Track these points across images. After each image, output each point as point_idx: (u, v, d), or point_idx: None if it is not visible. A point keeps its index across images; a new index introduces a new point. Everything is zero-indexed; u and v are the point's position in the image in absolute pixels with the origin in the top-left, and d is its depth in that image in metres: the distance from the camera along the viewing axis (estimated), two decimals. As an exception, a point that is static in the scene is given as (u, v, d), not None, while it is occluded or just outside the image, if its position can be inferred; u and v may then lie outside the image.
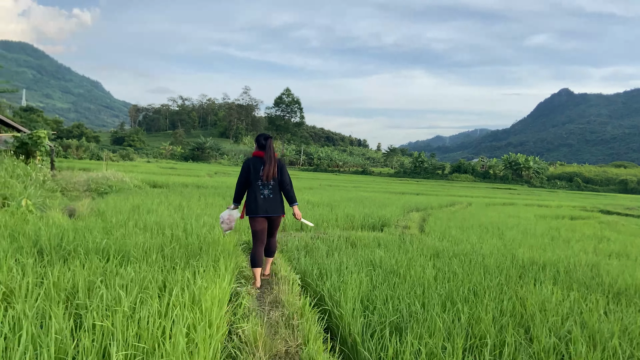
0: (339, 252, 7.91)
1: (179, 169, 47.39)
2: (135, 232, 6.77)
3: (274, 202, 5.42)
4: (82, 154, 57.07)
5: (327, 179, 52.91)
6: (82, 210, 10.39)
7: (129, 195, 14.56)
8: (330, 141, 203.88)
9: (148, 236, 6.52)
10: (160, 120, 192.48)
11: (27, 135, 15.72)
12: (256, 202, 5.34)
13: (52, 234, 5.47)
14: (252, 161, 5.46)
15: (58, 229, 5.84)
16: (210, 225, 8.93)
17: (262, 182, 5.36)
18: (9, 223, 6.40)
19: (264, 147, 5.47)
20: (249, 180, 5.40)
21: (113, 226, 7.14)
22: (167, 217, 10.37)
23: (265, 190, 5.38)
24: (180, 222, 9.01)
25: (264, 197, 5.37)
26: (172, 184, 22.00)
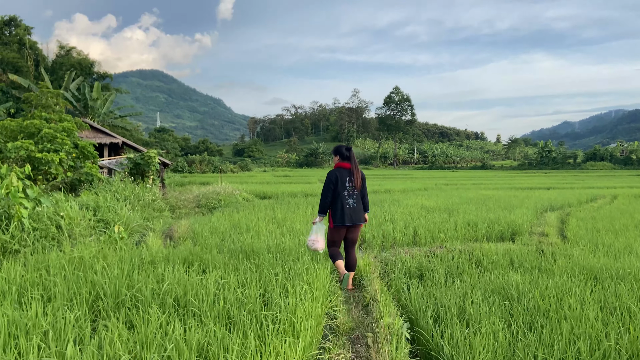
0: (461, 277, 6.34)
1: (292, 176, 47.95)
2: (212, 266, 5.87)
3: (359, 211, 5.74)
4: (205, 168, 60.59)
5: (443, 177, 50.03)
6: (180, 231, 9.96)
7: (233, 211, 14.17)
8: (445, 137, 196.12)
9: (228, 270, 5.56)
10: (275, 130, 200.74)
11: (139, 155, 16.22)
12: (343, 211, 5.59)
13: (113, 277, 4.70)
14: (338, 172, 5.67)
15: (121, 269, 5.08)
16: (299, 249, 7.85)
17: (348, 192, 5.62)
18: (85, 258, 5.85)
19: (348, 158, 5.72)
20: (336, 190, 5.61)
21: (195, 256, 6.34)
22: (265, 234, 9.53)
23: (351, 199, 5.64)
24: (274, 241, 8.08)
25: (349, 206, 5.63)
26: (281, 193, 21.62)
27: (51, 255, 5.89)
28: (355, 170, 5.69)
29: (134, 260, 5.71)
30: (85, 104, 32.51)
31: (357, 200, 5.70)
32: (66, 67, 37.61)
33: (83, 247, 6.59)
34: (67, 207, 8.76)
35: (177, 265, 5.69)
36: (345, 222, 5.62)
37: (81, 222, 8.73)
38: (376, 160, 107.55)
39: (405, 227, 10.57)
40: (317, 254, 6.29)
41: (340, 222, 5.63)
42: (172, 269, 5.40)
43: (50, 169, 11.85)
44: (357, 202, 5.69)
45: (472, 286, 5.64)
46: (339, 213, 5.61)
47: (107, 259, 6.03)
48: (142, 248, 6.76)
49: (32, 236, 6.70)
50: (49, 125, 13.17)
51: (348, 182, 5.63)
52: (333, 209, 5.69)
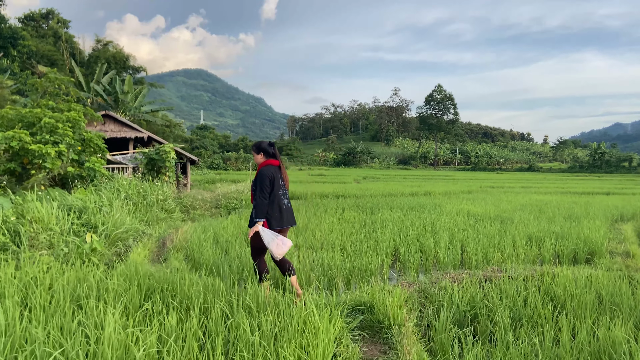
0: (535, 325, 4.43)
1: (327, 175, 46.24)
2: (180, 300, 4.18)
3: (292, 211, 5.35)
4: (241, 165, 59.72)
5: (488, 179, 47.08)
6: (177, 239, 8.36)
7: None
8: (488, 137, 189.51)
9: (195, 312, 3.86)
10: (314, 129, 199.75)
11: (154, 150, 14.87)
12: (281, 213, 5.14)
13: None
14: (273, 170, 5.13)
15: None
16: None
17: (282, 191, 5.21)
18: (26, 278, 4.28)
19: (274, 155, 5.27)
20: (273, 191, 5.08)
21: (163, 283, 4.66)
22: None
23: (285, 199, 5.23)
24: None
25: (285, 207, 5.22)
26: (311, 194, 19.90)
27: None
28: (283, 169, 5.32)
29: (58, 294, 4.06)
30: (116, 97, 31.83)
31: (289, 201, 5.33)
32: (101, 60, 37.30)
33: (24, 265, 5.04)
34: (39, 209, 7.29)
35: (121, 303, 4.03)
36: (283, 224, 5.16)
37: (55, 227, 7.24)
38: (416, 160, 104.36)
39: (450, 241, 8.62)
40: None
41: (279, 225, 5.11)
42: (101, 311, 3.72)
43: (45, 163, 10.55)
44: (289, 202, 5.32)
45: (553, 343, 3.73)
46: (277, 215, 5.10)
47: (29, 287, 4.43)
48: (94, 270, 5.13)
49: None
50: (51, 114, 11.93)
51: (281, 181, 5.19)
52: (271, 212, 5.09)
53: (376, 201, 16.89)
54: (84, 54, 41.94)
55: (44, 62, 36.04)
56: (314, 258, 7.19)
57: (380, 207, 14.71)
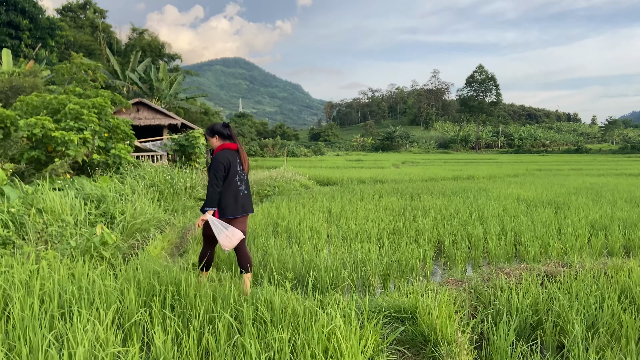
0: (615, 334, 3.55)
1: (364, 160, 45.22)
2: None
3: (249, 198, 4.87)
4: (277, 152, 59.40)
5: (534, 162, 44.92)
6: (201, 230, 7.75)
7: (285, 200, 11.88)
8: (533, 118, 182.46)
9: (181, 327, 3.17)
10: (352, 114, 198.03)
11: (183, 136, 14.41)
12: (236, 201, 4.63)
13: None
14: (228, 154, 4.63)
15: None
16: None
17: (239, 177, 4.70)
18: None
19: (230, 137, 4.77)
20: (225, 178, 4.57)
21: (165, 283, 4.01)
22: (303, 234, 7.10)
23: (243, 185, 4.74)
24: (309, 255, 5.61)
25: (242, 194, 4.72)
26: (347, 180, 19.09)
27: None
28: (242, 152, 4.80)
29: (48, 298, 3.44)
30: (151, 85, 31.80)
31: (248, 187, 4.88)
32: (137, 49, 37.42)
33: (17, 262, 4.49)
34: (51, 199, 6.82)
35: (115, 311, 3.39)
36: (239, 212, 4.70)
37: (68, 218, 6.76)
38: (456, 144, 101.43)
39: (501, 230, 7.67)
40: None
41: (234, 214, 4.66)
42: (87, 322, 3.07)
43: (68, 150, 10.18)
44: (247, 189, 4.87)
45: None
46: (232, 203, 4.64)
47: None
48: (98, 267, 4.52)
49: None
50: (76, 100, 11.58)
51: (239, 166, 4.72)
52: (225, 200, 4.61)
53: (416, 186, 15.92)
54: (120, 44, 42.27)
55: (81, 52, 36.44)
56: (346, 251, 6.43)
57: (421, 192, 13.77)
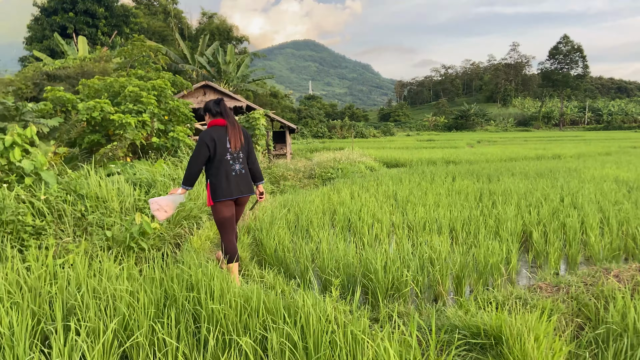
0: None
1: (436, 140, 43.28)
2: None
3: (247, 178, 4.47)
4: (346, 133, 58.55)
5: (627, 139, 40.92)
6: (252, 216, 7.14)
7: (348, 183, 11.09)
8: (623, 92, 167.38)
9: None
10: (423, 93, 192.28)
11: (244, 117, 13.95)
12: (228, 181, 4.29)
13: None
14: (214, 132, 4.29)
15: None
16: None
17: (232, 155, 4.33)
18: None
19: (220, 113, 4.39)
20: (213, 157, 4.27)
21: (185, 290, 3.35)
22: (359, 224, 6.26)
23: (237, 164, 4.37)
24: (358, 253, 4.76)
25: (236, 173, 4.36)
26: (417, 161, 17.92)
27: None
28: (232, 128, 4.38)
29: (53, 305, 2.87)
30: (219, 68, 31.94)
31: (245, 166, 4.48)
32: (206, 33, 37.81)
33: (38, 258, 4.04)
34: (95, 184, 6.45)
35: (123, 325, 2.76)
36: (233, 194, 4.35)
37: (113, 205, 6.37)
38: (537, 121, 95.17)
39: (602, 219, 6.41)
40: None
41: (227, 196, 4.32)
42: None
43: (126, 133, 9.97)
44: (244, 168, 4.48)
45: None
46: (224, 183, 4.32)
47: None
48: (113, 268, 3.95)
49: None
50: (136, 82, 11.39)
51: (228, 144, 4.35)
52: (215, 180, 4.33)
53: (494, 167, 14.50)
54: (191, 29, 43.02)
55: (154, 38, 37.49)
56: (411, 245, 5.52)
57: (500, 173, 12.42)
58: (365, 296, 4.34)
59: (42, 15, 33.33)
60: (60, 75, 16.17)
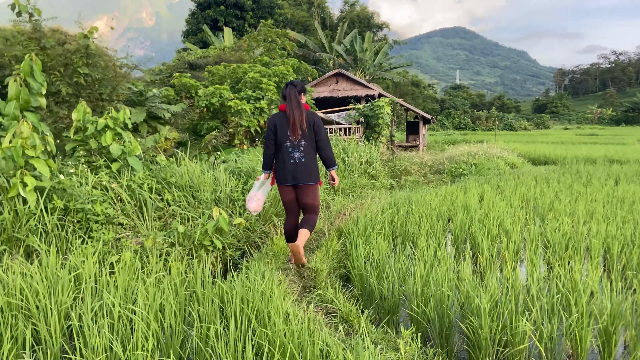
0: None
1: (600, 135, 37.77)
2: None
3: (305, 167, 4.26)
4: (491, 125, 54.31)
5: None
6: (354, 216, 6.24)
7: (478, 182, 9.61)
8: None
9: None
10: (588, 82, 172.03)
11: (368, 106, 13.01)
12: (284, 167, 4.26)
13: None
14: (277, 118, 4.29)
15: None
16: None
17: (291, 142, 4.22)
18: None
19: (284, 98, 4.28)
20: (276, 142, 4.27)
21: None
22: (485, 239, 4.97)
23: (296, 152, 4.23)
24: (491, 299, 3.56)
25: (294, 161, 4.24)
26: (571, 158, 15.32)
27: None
28: (292, 113, 4.14)
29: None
30: (355, 56, 31.34)
31: (306, 154, 4.23)
32: (345, 21, 37.54)
33: (76, 253, 3.63)
34: (191, 172, 6.11)
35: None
36: (287, 180, 4.25)
37: (205, 195, 5.97)
38: None
39: None
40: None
41: (281, 181, 4.31)
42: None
43: (241, 120, 9.74)
44: (305, 156, 4.22)
45: None
46: (280, 169, 4.27)
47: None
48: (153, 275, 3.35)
49: (52, 221, 4.11)
50: (258, 69, 11.18)
51: (288, 131, 4.20)
52: (275, 164, 4.35)
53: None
54: (333, 17, 43.20)
55: (297, 28, 38.29)
56: (542, 272, 4.15)
57: (684, 179, 9.83)
58: (464, 346, 3.20)
59: (198, 9, 36.07)
60: (200, 64, 16.89)
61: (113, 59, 10.01)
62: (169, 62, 18.09)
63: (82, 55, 8.77)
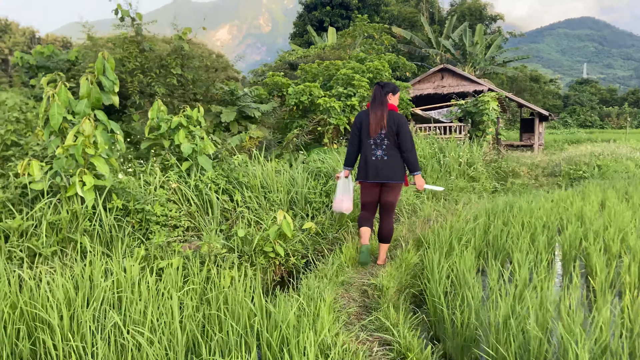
0: None
1: None
2: None
3: (388, 165, 4.22)
4: (623, 122, 48.35)
5: None
6: (440, 224, 5.51)
7: (601, 187, 8.25)
8: None
9: None
10: None
11: (471, 102, 11.88)
12: (366, 165, 4.27)
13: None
14: (363, 116, 4.37)
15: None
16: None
17: (374, 140, 4.23)
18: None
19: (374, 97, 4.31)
20: (361, 139, 4.35)
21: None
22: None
23: (378, 150, 4.23)
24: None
25: (376, 158, 4.23)
26: None
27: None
28: (373, 112, 4.16)
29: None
30: (464, 51, 29.46)
31: (389, 153, 4.19)
32: (454, 14, 35.65)
33: (116, 260, 3.44)
34: (266, 173, 5.83)
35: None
36: (368, 177, 4.26)
37: (277, 196, 5.65)
38: None
39: None
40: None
41: (362, 178, 4.32)
42: None
43: (330, 118, 9.34)
44: (388, 155, 4.19)
45: None
46: (362, 166, 4.32)
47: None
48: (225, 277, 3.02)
49: (109, 221, 4.00)
50: (351, 65, 10.71)
51: (368, 128, 4.23)
52: (359, 161, 4.40)
53: None
54: (442, 12, 41.40)
55: (404, 25, 37.22)
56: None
57: None
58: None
59: (305, 11, 36.53)
60: (299, 64, 16.89)
61: (210, 58, 10.19)
62: (270, 63, 18.36)
63: (176, 56, 8.99)
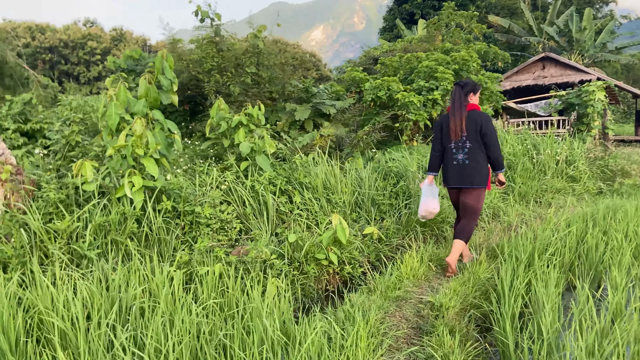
0: None
1: None
2: None
3: (469, 169, 4.09)
4: None
5: None
6: (525, 232, 4.81)
7: None
8: None
9: None
10: None
11: (574, 92, 10.53)
12: (447, 169, 4.24)
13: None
14: (444, 119, 4.26)
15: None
16: None
17: (455, 143, 4.13)
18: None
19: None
20: (443, 143, 4.25)
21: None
22: None
23: (460, 154, 4.12)
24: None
25: (457, 162, 4.15)
26: None
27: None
28: (453, 117, 4.06)
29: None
30: (570, 37, 26.67)
31: (472, 156, 4.05)
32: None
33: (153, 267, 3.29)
34: (329, 173, 5.50)
35: None
36: (449, 182, 4.23)
37: (341, 198, 5.29)
38: None
39: None
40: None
41: (445, 182, 4.33)
42: None
43: (408, 114, 8.75)
44: (470, 159, 4.05)
45: None
46: (445, 171, 4.28)
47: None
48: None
49: (157, 223, 3.89)
50: (435, 56, 10.02)
51: (450, 132, 4.13)
52: (443, 165, 4.32)
53: None
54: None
55: (502, 13, 34.85)
56: None
57: None
58: None
59: (395, 5, 35.60)
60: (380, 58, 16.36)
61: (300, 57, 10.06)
62: (354, 59, 18.00)
63: (251, 55, 8.95)
